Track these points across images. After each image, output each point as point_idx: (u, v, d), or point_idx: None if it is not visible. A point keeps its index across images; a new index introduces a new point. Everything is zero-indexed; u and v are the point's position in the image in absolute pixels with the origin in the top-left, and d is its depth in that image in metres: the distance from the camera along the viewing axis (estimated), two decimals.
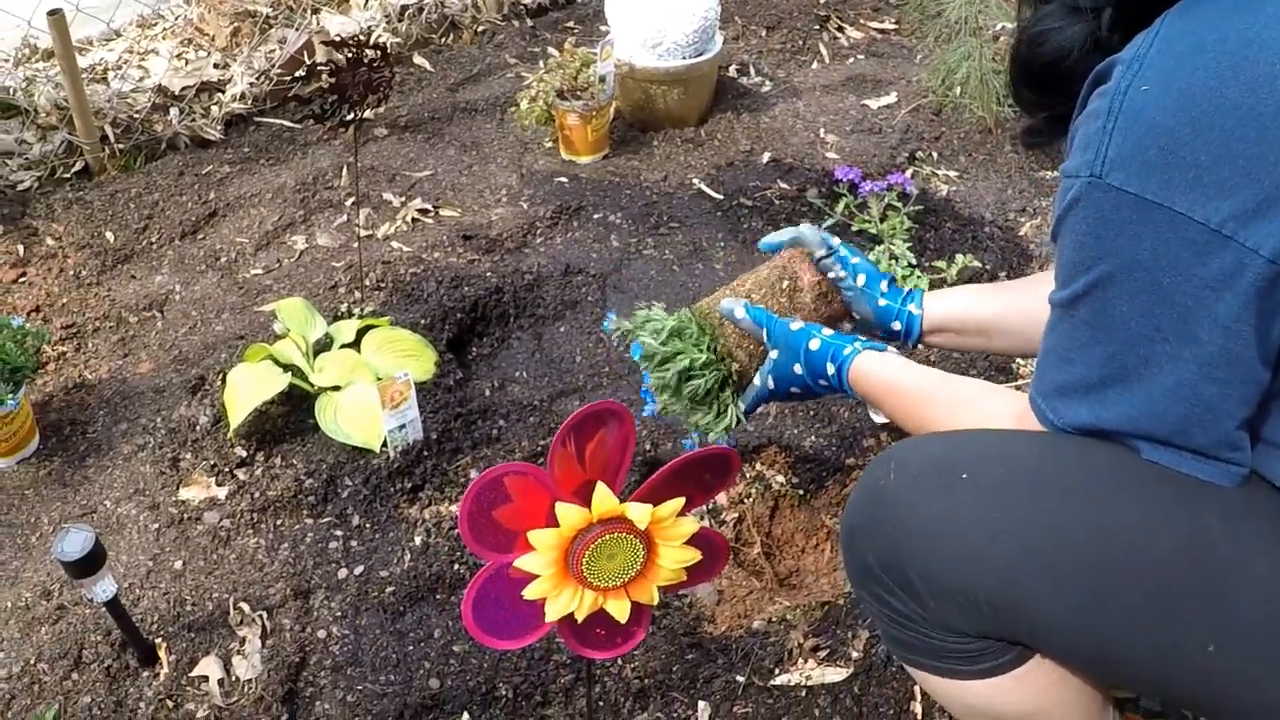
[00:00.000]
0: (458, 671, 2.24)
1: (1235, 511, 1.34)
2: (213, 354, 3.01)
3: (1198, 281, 1.22)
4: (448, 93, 4.48)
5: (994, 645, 1.52)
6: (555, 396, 2.90)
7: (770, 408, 2.77)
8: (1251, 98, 1.17)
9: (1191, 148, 1.19)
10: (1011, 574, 1.41)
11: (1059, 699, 1.58)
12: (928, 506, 1.48)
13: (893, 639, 1.63)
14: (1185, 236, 1.21)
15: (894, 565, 1.52)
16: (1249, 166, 1.17)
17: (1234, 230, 1.18)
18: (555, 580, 1.58)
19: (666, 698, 2.19)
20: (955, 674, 1.58)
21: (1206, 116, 1.19)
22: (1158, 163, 1.22)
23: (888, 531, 1.52)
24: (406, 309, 3.08)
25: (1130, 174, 1.24)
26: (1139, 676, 1.46)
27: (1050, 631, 1.45)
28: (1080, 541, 1.37)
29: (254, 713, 2.18)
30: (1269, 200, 1.16)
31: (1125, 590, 1.35)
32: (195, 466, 2.66)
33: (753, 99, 4.32)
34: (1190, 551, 1.33)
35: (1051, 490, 1.41)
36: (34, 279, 3.41)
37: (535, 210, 3.61)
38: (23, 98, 3.97)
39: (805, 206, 3.60)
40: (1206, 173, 1.19)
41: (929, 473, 1.51)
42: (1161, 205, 1.22)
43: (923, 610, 1.52)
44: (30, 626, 2.32)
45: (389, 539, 2.50)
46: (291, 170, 3.90)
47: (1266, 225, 1.17)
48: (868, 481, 1.59)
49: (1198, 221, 1.20)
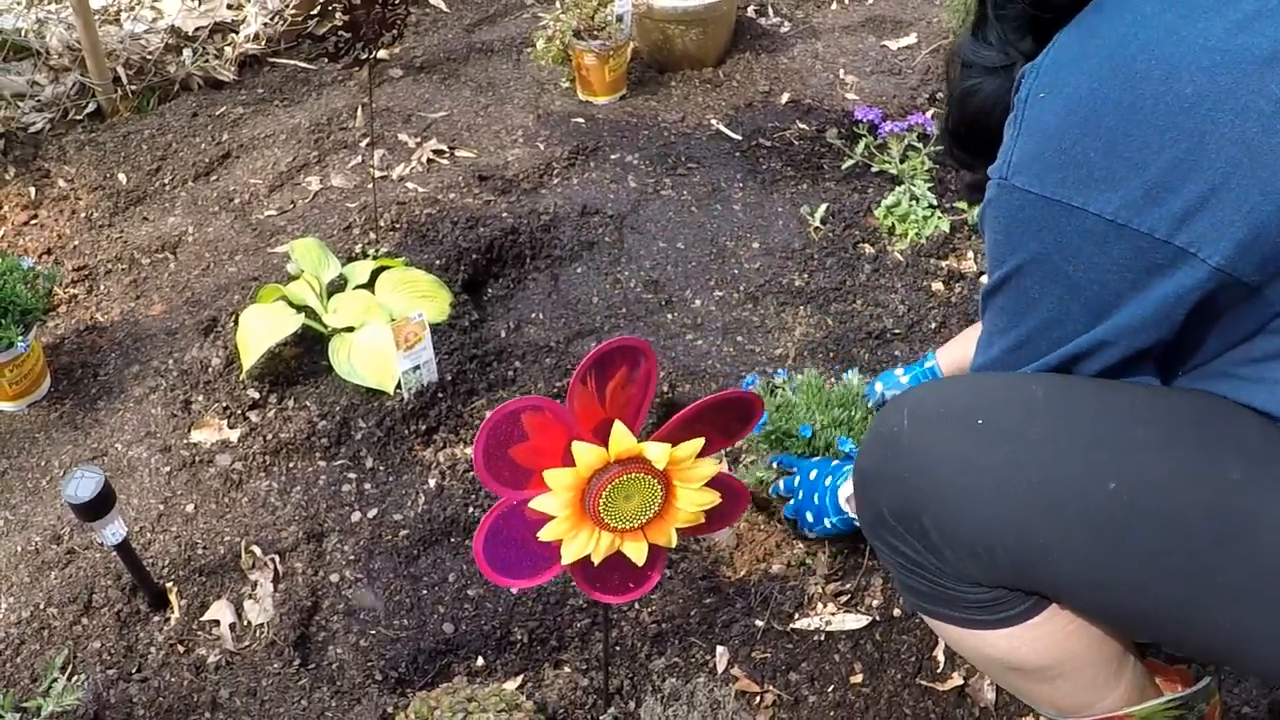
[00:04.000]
0: (472, 616, 2.22)
1: (1257, 456, 1.31)
2: (225, 295, 2.98)
3: (1099, 269, 1.32)
4: (464, 33, 4.43)
5: (1010, 595, 1.50)
6: (571, 338, 2.86)
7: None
8: (1130, 93, 1.26)
9: (1081, 146, 1.29)
10: (1028, 522, 1.38)
11: (1079, 648, 1.55)
12: (942, 453, 1.45)
13: (907, 587, 1.60)
14: (1084, 229, 1.30)
15: (908, 514, 1.49)
16: (1134, 157, 1.25)
17: (1128, 219, 1.26)
18: (572, 521, 1.55)
19: (684, 642, 2.16)
20: (971, 624, 1.55)
21: (1093, 116, 1.28)
22: (1054, 163, 1.31)
23: (901, 479, 1.49)
24: (421, 250, 3.04)
25: (1031, 175, 1.33)
26: (1159, 625, 1.43)
27: (1068, 580, 1.42)
28: (1098, 489, 1.34)
29: (266, 657, 2.16)
30: (1156, 186, 1.24)
31: (1144, 537, 1.32)
32: (207, 409, 2.63)
33: (771, 39, 4.26)
34: (1211, 497, 1.30)
35: (1069, 436, 1.39)
36: (46, 221, 3.38)
37: (552, 151, 3.57)
38: (34, 39, 3.94)
39: (825, 147, 3.55)
40: (1096, 168, 1.28)
41: (943, 419, 1.48)
42: (1060, 202, 1.31)
43: (937, 560, 1.49)
44: (40, 571, 2.30)
45: (403, 482, 2.47)
46: (306, 111, 3.85)
47: (1158, 210, 1.24)
48: (880, 428, 1.55)
49: (1093, 214, 1.29)
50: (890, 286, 2.99)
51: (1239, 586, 1.30)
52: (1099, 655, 1.58)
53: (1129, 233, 1.27)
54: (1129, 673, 1.63)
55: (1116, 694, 1.63)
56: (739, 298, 2.99)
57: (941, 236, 3.11)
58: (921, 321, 2.86)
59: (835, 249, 3.13)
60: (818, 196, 3.34)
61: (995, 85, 1.52)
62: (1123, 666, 1.62)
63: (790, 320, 2.89)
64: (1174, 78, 1.23)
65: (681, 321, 2.92)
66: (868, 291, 2.98)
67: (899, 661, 2.13)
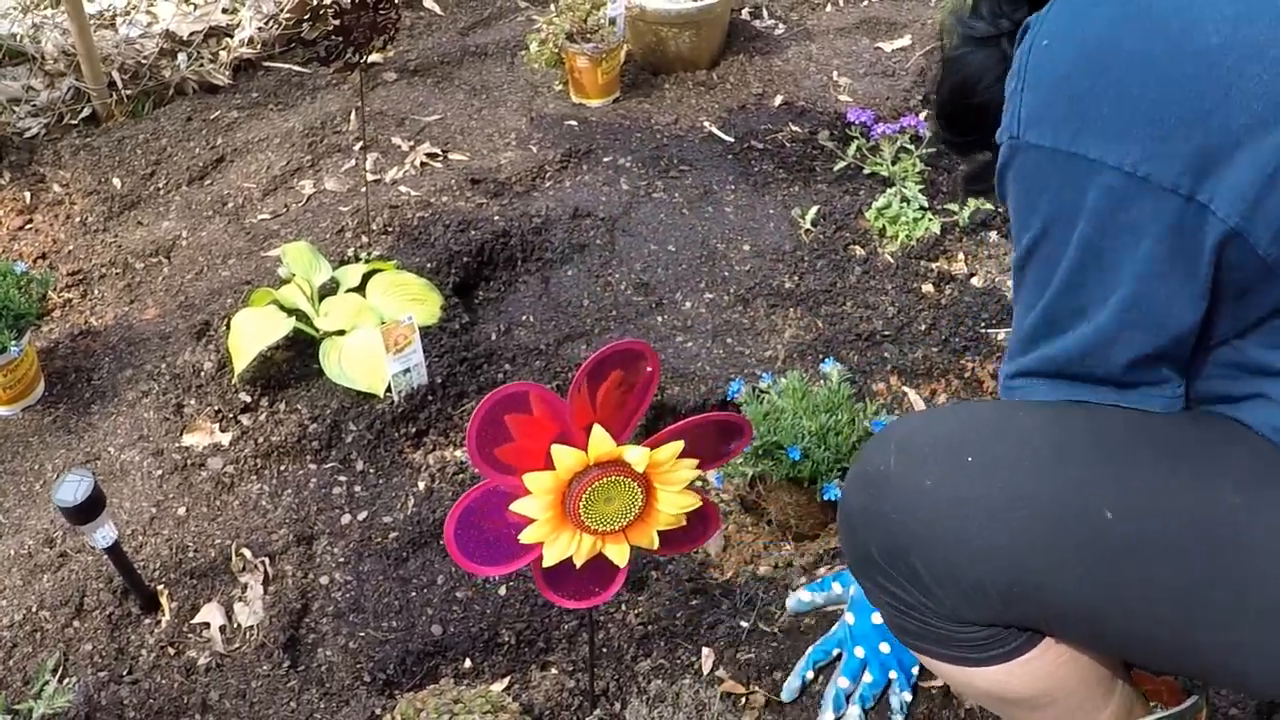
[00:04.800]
0: (460, 618, 2.23)
1: (1255, 479, 1.31)
2: (219, 299, 3.00)
3: (1117, 227, 1.25)
4: (458, 36, 4.44)
5: (1003, 632, 1.48)
6: (562, 340, 2.87)
7: None
8: (1145, 43, 1.20)
9: (1094, 96, 1.22)
10: (1021, 558, 1.36)
11: (1069, 676, 1.55)
12: (931, 493, 1.42)
13: (898, 627, 1.58)
14: (1102, 183, 1.23)
15: (897, 554, 1.47)
16: (1149, 110, 1.19)
17: (1147, 172, 1.19)
18: (553, 524, 1.56)
19: (670, 644, 2.17)
20: (964, 661, 1.53)
21: (1104, 64, 1.22)
22: (1066, 114, 1.25)
23: (890, 519, 1.46)
24: (413, 253, 3.06)
25: (1044, 129, 1.26)
26: (1154, 652, 1.43)
27: (1062, 613, 1.41)
28: (1093, 523, 1.32)
29: (255, 659, 2.17)
30: (1173, 139, 1.18)
31: (1141, 566, 1.31)
32: (199, 412, 2.65)
33: (765, 42, 4.27)
34: (1206, 526, 1.29)
35: (1061, 468, 1.37)
36: (40, 226, 3.40)
37: (544, 153, 3.58)
38: (30, 44, 3.95)
39: (817, 149, 3.56)
40: (1112, 120, 1.21)
41: (932, 457, 1.45)
42: (1076, 155, 1.24)
43: (928, 599, 1.47)
44: (32, 574, 2.32)
45: (393, 484, 2.48)
46: (300, 115, 3.87)
47: (1177, 164, 1.18)
48: (866, 467, 1.52)
49: (1111, 166, 1.21)
50: (880, 288, 3.00)
51: (1237, 612, 1.29)
52: (1088, 681, 1.58)
53: (1149, 187, 1.20)
54: (1118, 694, 1.63)
55: (1106, 714, 1.63)
56: (729, 300, 3.00)
57: (932, 238, 3.12)
58: (911, 323, 2.87)
59: (826, 251, 3.13)
60: (809, 198, 3.35)
61: (982, 57, 1.48)
62: (1111, 689, 1.62)
63: (780, 322, 2.90)
64: (1195, 27, 1.18)
65: (672, 324, 2.93)
66: (858, 293, 2.99)
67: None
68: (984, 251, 3.12)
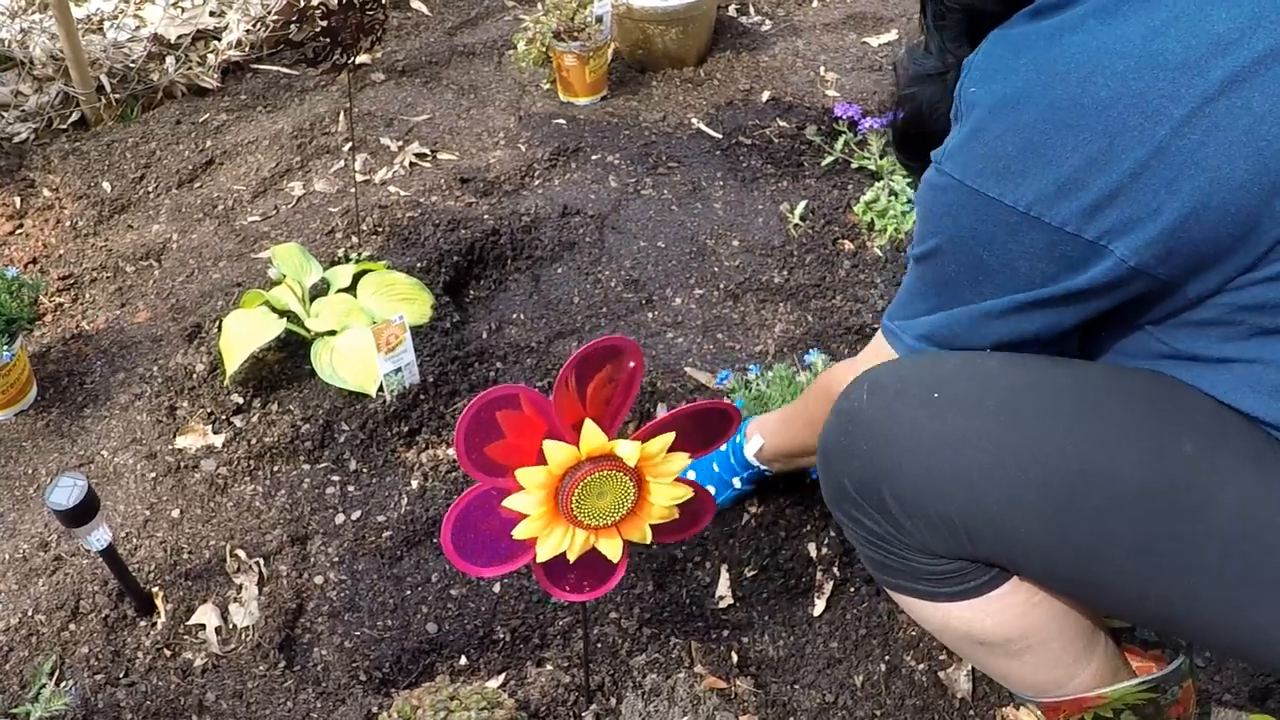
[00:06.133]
0: (455, 615, 2.24)
1: (1209, 432, 1.35)
2: (210, 302, 3.00)
3: (1013, 255, 1.38)
4: (445, 36, 4.45)
5: (970, 566, 1.53)
6: (552, 338, 2.88)
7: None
8: (1050, 93, 1.30)
9: (1002, 141, 1.34)
10: (982, 492, 1.41)
11: (1042, 620, 1.58)
12: (901, 426, 1.48)
13: (870, 560, 1.63)
14: (998, 218, 1.36)
15: (869, 486, 1.52)
16: (1049, 154, 1.30)
17: (1040, 212, 1.32)
18: (545, 519, 1.57)
19: (665, 638, 2.18)
20: (933, 596, 1.58)
21: (1015, 112, 1.33)
22: (978, 154, 1.37)
23: (862, 452, 1.52)
24: (403, 253, 3.06)
25: (958, 164, 1.39)
26: (1112, 596, 1.45)
27: (1023, 551, 1.45)
28: (1052, 460, 1.37)
29: (251, 660, 2.17)
30: (1068, 182, 1.29)
31: (1096, 504, 1.35)
32: (192, 414, 2.65)
33: (752, 38, 4.28)
34: (1164, 468, 1.33)
35: (1023, 407, 1.42)
36: (31, 230, 3.40)
37: (533, 152, 3.58)
38: (18, 49, 3.95)
39: (805, 144, 3.57)
40: (1014, 161, 1.33)
41: (901, 393, 1.50)
42: (979, 191, 1.37)
43: (898, 532, 1.52)
44: (27, 578, 2.32)
45: (386, 484, 2.49)
46: (289, 117, 3.87)
47: (1068, 205, 1.30)
48: (842, 404, 1.58)
49: (1008, 205, 1.34)
50: (869, 282, 3.01)
51: (1190, 558, 1.33)
52: (1064, 629, 1.61)
53: (1040, 225, 1.33)
54: (1100, 652, 1.66)
55: (1088, 673, 1.65)
56: (719, 295, 3.00)
57: None
58: None
59: (815, 245, 3.14)
60: (797, 193, 3.36)
61: (931, 92, 1.59)
62: (1092, 645, 1.64)
63: (770, 317, 2.91)
64: (1090, 80, 1.27)
65: (662, 320, 2.94)
66: (847, 287, 3.00)
67: (878, 653, 2.15)
68: None
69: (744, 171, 3.50)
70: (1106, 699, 1.67)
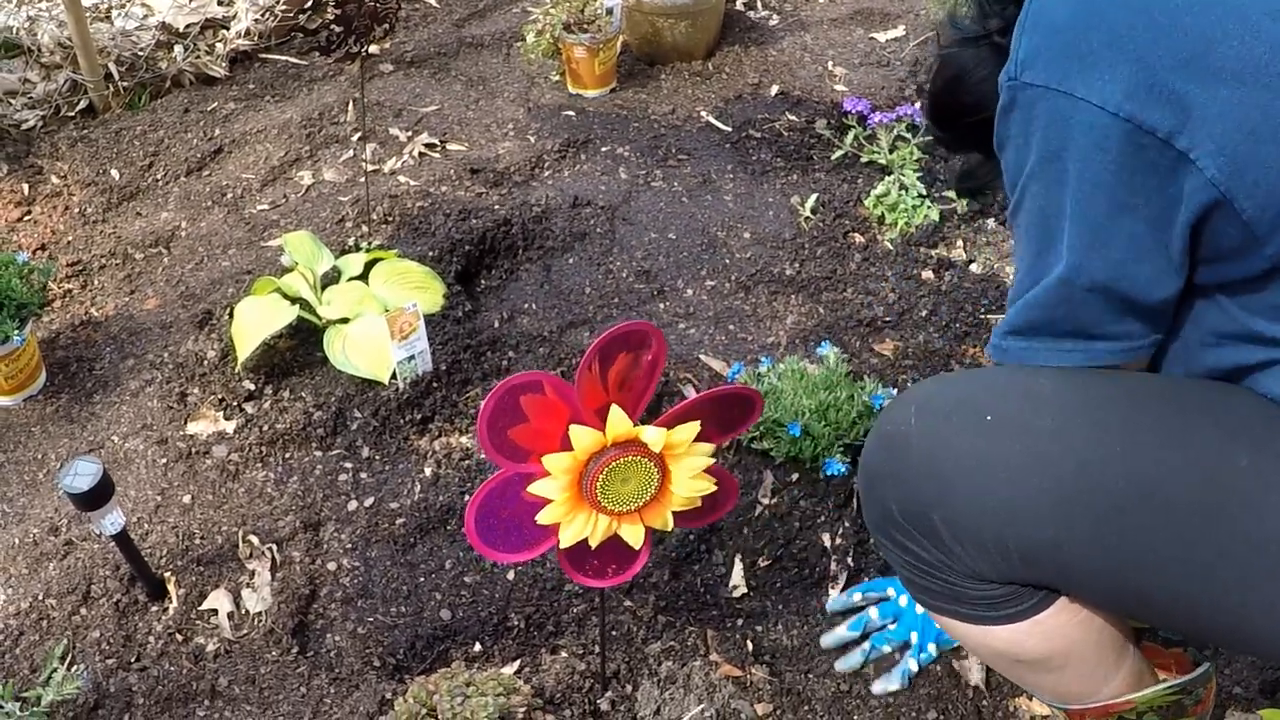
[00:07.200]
0: (469, 602, 2.23)
1: (1263, 441, 1.33)
2: (219, 289, 2.99)
3: (1097, 166, 1.29)
4: (454, 27, 4.44)
5: (1019, 590, 1.50)
6: (564, 328, 2.87)
7: None
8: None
9: (1085, 38, 1.28)
10: (1040, 516, 1.39)
11: (1082, 638, 1.57)
12: (951, 451, 1.46)
13: (914, 585, 1.61)
14: (1086, 121, 1.28)
15: (917, 512, 1.49)
16: (1139, 51, 1.24)
17: (1130, 113, 1.24)
18: (569, 504, 1.57)
19: (680, 626, 2.18)
20: (980, 620, 1.56)
21: (1099, 8, 1.28)
22: (1059, 55, 1.30)
23: (910, 478, 1.50)
24: (414, 242, 3.05)
25: (1038, 69, 1.32)
26: (1168, 613, 1.44)
27: (1080, 573, 1.43)
28: (1109, 480, 1.35)
29: (264, 645, 2.17)
30: (1159, 84, 1.23)
31: (1156, 523, 1.33)
32: (203, 401, 2.64)
33: (760, 32, 4.28)
34: (1220, 486, 1.32)
35: (1078, 427, 1.39)
36: (39, 217, 3.39)
37: (543, 143, 3.58)
38: (26, 37, 3.94)
39: (814, 138, 3.57)
40: (1100, 59, 1.26)
41: (952, 416, 1.48)
42: (1064, 93, 1.29)
43: (948, 558, 1.50)
44: (38, 562, 2.31)
45: (399, 471, 2.48)
46: (297, 106, 3.86)
47: (1158, 108, 1.23)
48: (887, 426, 1.56)
49: (1095, 105, 1.26)
50: (880, 275, 3.01)
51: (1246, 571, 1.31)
52: (1101, 644, 1.59)
53: (1130, 128, 1.25)
54: (1129, 660, 1.65)
55: (1116, 681, 1.64)
56: (731, 287, 3.00)
57: (931, 225, 3.13)
58: (912, 309, 2.88)
59: (826, 238, 3.14)
60: (808, 187, 3.36)
61: (972, 54, 1.53)
62: (1123, 654, 1.64)
63: (782, 309, 2.91)
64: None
65: (674, 310, 2.94)
66: (858, 280, 2.99)
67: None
68: (983, 238, 3.13)
69: (754, 164, 3.50)
70: (1134, 704, 1.67)
